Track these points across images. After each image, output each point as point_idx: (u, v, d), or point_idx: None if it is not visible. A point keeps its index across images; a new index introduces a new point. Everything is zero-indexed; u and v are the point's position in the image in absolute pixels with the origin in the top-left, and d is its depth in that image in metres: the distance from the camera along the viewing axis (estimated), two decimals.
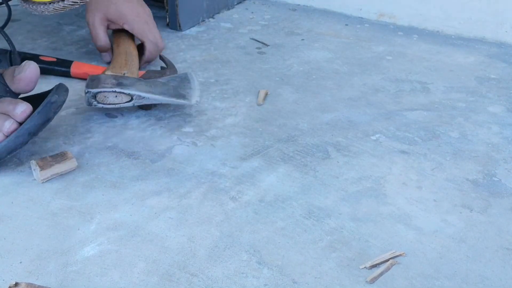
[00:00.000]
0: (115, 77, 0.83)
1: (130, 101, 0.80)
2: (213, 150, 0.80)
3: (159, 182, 0.72)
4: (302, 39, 1.22)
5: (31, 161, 0.72)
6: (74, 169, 0.73)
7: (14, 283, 0.54)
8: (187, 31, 1.24)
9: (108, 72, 0.86)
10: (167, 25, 1.24)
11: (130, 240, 0.63)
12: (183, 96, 0.84)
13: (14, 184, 0.71)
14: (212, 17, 1.33)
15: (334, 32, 1.27)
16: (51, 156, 0.73)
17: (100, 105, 0.80)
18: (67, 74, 0.98)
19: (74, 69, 0.97)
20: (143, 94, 0.81)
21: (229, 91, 0.97)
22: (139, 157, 0.78)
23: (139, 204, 0.68)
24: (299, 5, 1.44)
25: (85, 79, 0.91)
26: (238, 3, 1.42)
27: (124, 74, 0.87)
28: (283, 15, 1.36)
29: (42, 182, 0.71)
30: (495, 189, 0.73)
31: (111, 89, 0.79)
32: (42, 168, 0.71)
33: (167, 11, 1.23)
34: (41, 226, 0.64)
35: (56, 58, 1.00)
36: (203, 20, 1.30)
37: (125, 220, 0.66)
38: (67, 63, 0.99)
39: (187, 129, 0.85)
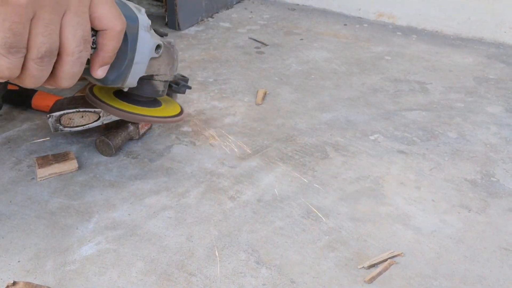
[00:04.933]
0: (82, 97, 0.76)
1: (98, 119, 0.74)
2: (211, 150, 0.80)
3: (157, 182, 0.72)
4: (301, 39, 1.22)
5: (33, 158, 0.72)
6: (74, 170, 0.73)
7: (12, 282, 0.54)
8: (186, 31, 1.24)
9: (77, 94, 0.80)
10: (166, 24, 1.24)
11: (129, 239, 0.62)
12: None
13: (12, 183, 0.71)
14: (211, 17, 1.33)
15: (333, 32, 1.27)
16: (53, 155, 0.73)
17: (67, 129, 0.74)
18: (28, 105, 0.86)
19: (36, 100, 0.85)
20: None
21: (227, 91, 0.97)
22: (138, 156, 0.78)
23: (138, 203, 0.68)
24: (298, 4, 1.44)
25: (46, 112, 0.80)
26: (237, 3, 1.42)
27: None
28: (282, 15, 1.36)
29: (40, 180, 0.71)
30: (493, 189, 0.73)
31: (74, 109, 0.73)
32: (40, 166, 0.71)
33: (165, 11, 1.23)
34: (39, 225, 0.64)
35: (19, 87, 0.85)
36: (202, 20, 1.30)
37: (123, 219, 0.66)
38: (29, 93, 0.86)
39: (186, 128, 0.85)
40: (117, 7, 0.55)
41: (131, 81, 0.63)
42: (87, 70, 0.57)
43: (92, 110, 0.74)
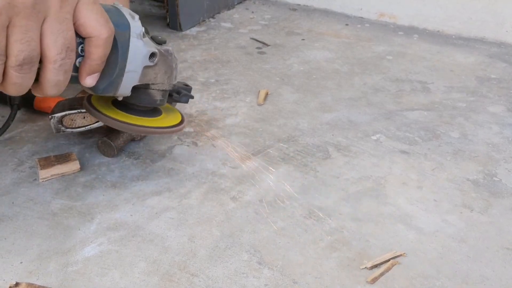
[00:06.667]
0: (83, 98, 0.76)
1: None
2: (213, 150, 0.80)
3: (159, 182, 0.72)
4: (303, 39, 1.22)
5: (35, 159, 0.72)
6: (76, 171, 0.73)
7: (14, 283, 0.54)
8: (188, 31, 1.24)
9: (79, 95, 0.80)
10: (168, 25, 1.24)
11: (131, 240, 0.62)
12: None
13: (14, 184, 0.71)
14: (213, 17, 1.33)
15: (335, 32, 1.27)
16: (55, 156, 0.74)
17: (69, 130, 0.74)
18: (30, 106, 0.86)
19: (38, 101, 0.85)
20: None
21: (229, 91, 0.97)
22: (140, 157, 0.78)
23: (140, 204, 0.68)
24: (299, 5, 1.44)
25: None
26: (238, 3, 1.42)
27: None
28: (283, 15, 1.36)
29: (42, 182, 0.71)
30: (496, 189, 0.73)
31: (76, 110, 0.73)
32: (42, 167, 0.71)
33: (167, 11, 1.23)
34: (42, 226, 0.64)
35: None
36: (204, 20, 1.30)
37: (125, 220, 0.66)
38: (31, 94, 0.85)
39: (187, 129, 0.85)
40: (104, 14, 0.53)
41: (123, 90, 0.60)
42: (77, 78, 0.56)
43: None
